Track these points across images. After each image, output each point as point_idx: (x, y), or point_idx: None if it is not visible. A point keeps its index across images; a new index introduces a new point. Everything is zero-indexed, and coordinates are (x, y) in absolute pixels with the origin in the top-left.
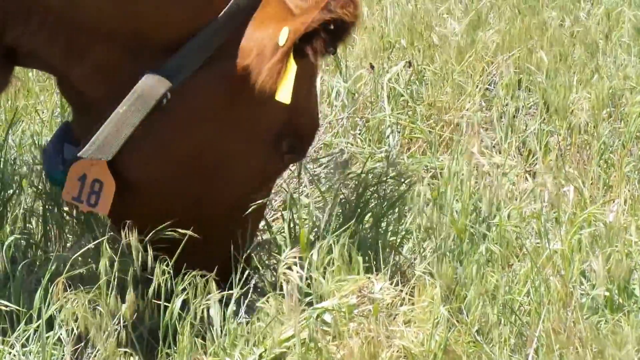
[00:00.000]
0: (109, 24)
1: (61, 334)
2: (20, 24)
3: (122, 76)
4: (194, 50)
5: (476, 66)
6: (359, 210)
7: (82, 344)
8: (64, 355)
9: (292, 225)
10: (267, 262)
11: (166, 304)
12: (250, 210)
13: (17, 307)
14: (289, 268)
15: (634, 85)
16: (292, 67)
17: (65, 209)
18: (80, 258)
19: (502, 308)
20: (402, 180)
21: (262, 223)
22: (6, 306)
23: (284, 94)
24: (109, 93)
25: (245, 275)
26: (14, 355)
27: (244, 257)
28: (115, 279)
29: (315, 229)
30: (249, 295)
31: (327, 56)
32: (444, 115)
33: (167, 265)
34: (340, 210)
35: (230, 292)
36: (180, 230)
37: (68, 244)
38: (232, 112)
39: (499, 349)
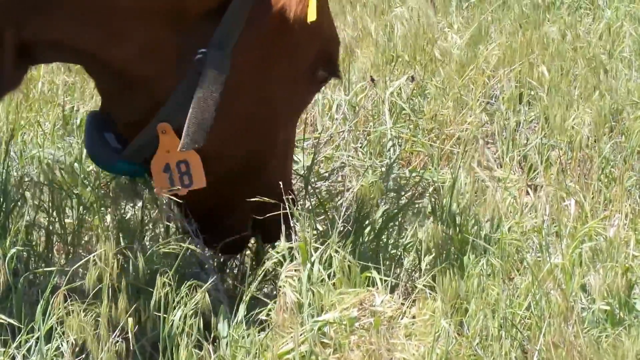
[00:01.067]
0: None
1: (61, 346)
2: (44, 15)
3: (170, 50)
4: (238, 11)
5: (477, 80)
6: (359, 223)
7: (83, 355)
8: None
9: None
10: (268, 274)
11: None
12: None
13: (18, 320)
14: (289, 281)
15: (635, 100)
16: None
17: (68, 220)
18: (81, 270)
19: (503, 322)
20: (403, 193)
21: None
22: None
23: (312, 14)
24: (160, 70)
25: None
26: None
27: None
28: (116, 290)
29: (317, 242)
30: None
31: None
32: (446, 129)
33: (168, 277)
34: (341, 223)
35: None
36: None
37: (70, 256)
38: (278, 59)
39: None
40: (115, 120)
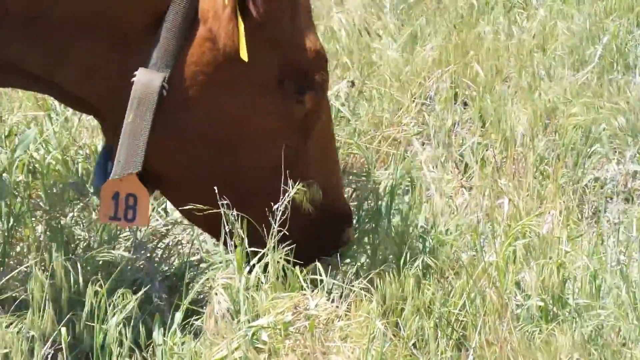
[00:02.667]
0: (81, 14)
1: None
2: None
3: (112, 73)
4: (171, 29)
5: (413, 81)
6: None
7: None
8: None
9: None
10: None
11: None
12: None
13: None
14: (224, 287)
15: (569, 98)
16: (241, 25)
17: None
18: (12, 281)
19: (438, 321)
20: None
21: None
22: None
23: (243, 52)
24: (106, 93)
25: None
26: None
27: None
28: (49, 302)
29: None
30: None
31: (273, 4)
32: (383, 131)
33: (101, 287)
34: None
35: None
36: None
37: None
38: (224, 75)
39: None
40: None
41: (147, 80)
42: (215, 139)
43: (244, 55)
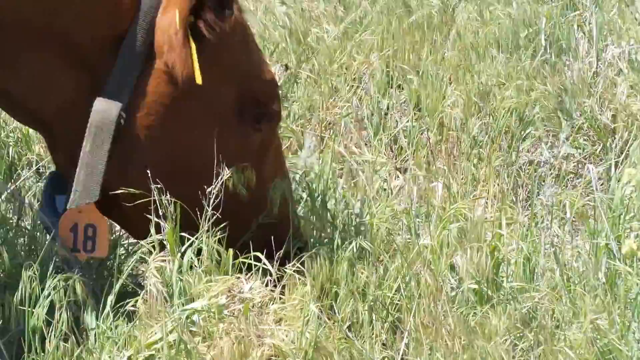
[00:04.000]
0: (32, 23)
1: None
2: None
3: (66, 88)
4: (128, 59)
5: (349, 66)
6: None
7: None
8: None
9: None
10: (136, 264)
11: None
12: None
13: None
14: (157, 270)
15: (502, 82)
16: (193, 47)
17: None
18: None
19: (373, 304)
20: None
21: None
22: None
23: (198, 77)
24: (57, 109)
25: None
26: None
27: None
28: None
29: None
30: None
31: (225, 23)
32: (318, 114)
33: (34, 272)
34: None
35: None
36: None
37: None
38: (182, 106)
39: (369, 345)
40: None
41: (104, 109)
42: (173, 167)
43: (198, 78)
